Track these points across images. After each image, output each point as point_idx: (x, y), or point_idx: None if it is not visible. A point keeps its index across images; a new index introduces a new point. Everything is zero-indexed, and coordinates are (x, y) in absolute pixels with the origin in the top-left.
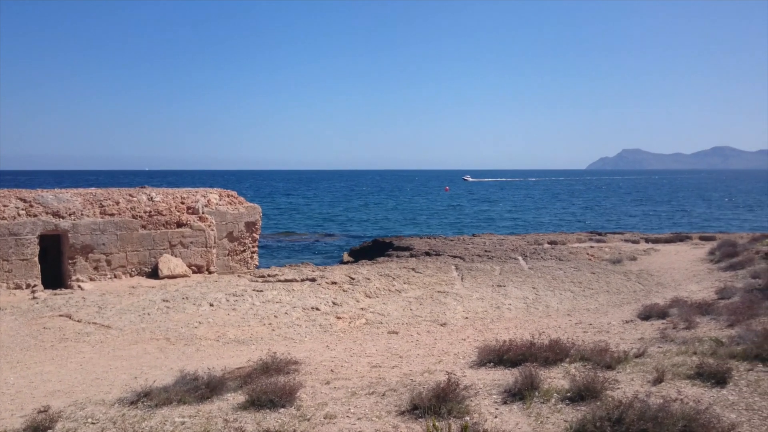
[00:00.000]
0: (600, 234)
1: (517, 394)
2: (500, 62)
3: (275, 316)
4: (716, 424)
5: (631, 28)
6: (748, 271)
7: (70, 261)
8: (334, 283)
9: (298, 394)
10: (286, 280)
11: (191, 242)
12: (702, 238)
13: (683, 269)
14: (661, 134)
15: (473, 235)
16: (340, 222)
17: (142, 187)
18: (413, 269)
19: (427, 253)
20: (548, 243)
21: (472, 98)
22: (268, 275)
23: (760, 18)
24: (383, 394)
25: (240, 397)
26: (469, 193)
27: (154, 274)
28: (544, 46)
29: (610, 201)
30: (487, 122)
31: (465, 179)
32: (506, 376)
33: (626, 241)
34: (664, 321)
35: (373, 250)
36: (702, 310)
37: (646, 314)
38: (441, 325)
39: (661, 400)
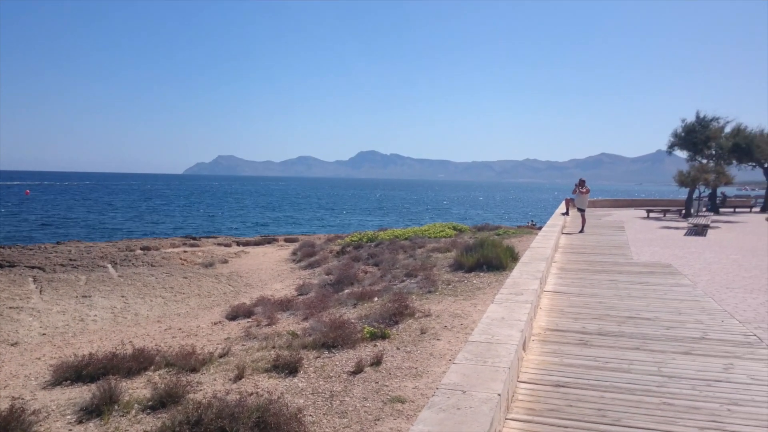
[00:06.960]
0: (195, 239)
1: (94, 411)
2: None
3: None
4: (286, 411)
5: (221, 46)
6: (323, 269)
7: None
8: None
9: None
10: None
11: None
12: (287, 240)
13: (270, 269)
14: (254, 142)
15: (57, 242)
16: None
17: None
18: None
19: None
20: (141, 249)
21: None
22: None
23: (404, 24)
24: None
25: None
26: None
27: None
28: (123, 51)
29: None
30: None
31: None
32: (84, 393)
33: (219, 244)
34: (250, 319)
35: None
36: (283, 307)
37: (234, 314)
38: (11, 345)
39: (239, 396)
